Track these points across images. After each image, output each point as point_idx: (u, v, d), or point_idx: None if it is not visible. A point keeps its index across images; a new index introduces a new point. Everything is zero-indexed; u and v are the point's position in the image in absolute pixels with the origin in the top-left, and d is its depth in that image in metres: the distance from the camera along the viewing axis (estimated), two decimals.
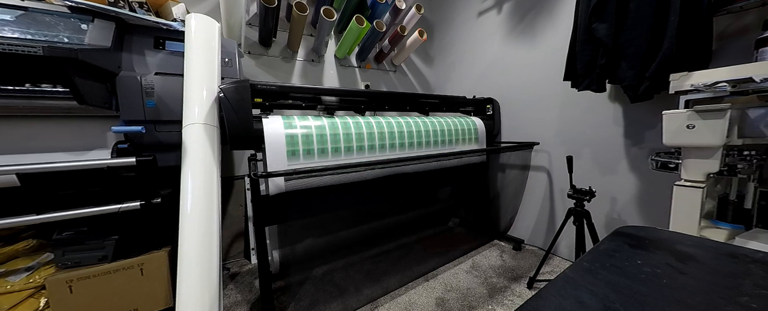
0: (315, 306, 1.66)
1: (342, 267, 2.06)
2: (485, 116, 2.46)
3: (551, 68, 2.10)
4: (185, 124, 1.29)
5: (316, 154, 1.49)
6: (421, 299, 1.73)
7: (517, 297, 1.74)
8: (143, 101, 1.43)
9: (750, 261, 0.68)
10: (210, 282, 1.15)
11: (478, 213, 2.70)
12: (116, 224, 1.38)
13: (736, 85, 1.03)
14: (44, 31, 1.18)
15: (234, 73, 1.65)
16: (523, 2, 2.32)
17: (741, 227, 1.22)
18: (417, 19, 2.51)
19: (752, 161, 1.13)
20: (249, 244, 1.57)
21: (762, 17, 1.25)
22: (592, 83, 1.65)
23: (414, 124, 1.87)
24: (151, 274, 1.41)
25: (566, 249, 2.15)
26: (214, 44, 1.46)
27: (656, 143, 1.67)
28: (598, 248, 0.76)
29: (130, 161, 1.31)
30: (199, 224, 1.19)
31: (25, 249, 1.42)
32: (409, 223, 2.58)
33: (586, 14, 1.56)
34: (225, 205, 2.17)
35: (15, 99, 1.19)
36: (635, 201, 1.82)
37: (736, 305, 0.52)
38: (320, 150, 1.50)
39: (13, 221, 1.15)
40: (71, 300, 1.27)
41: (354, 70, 2.73)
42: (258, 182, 1.38)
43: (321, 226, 2.14)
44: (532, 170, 2.36)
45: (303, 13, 1.91)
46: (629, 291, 0.57)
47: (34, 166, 1.17)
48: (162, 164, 1.41)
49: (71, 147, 1.44)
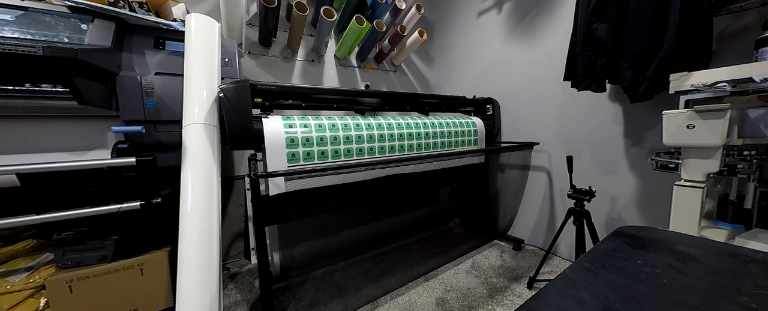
0: (315, 306, 1.66)
1: (342, 266, 2.07)
2: (485, 116, 2.46)
3: (551, 68, 2.10)
4: (185, 124, 1.29)
5: (315, 154, 1.49)
6: (421, 299, 1.73)
7: (517, 297, 1.74)
8: (143, 101, 1.43)
9: (750, 261, 0.68)
10: (210, 282, 1.15)
11: (478, 213, 2.70)
12: (116, 224, 1.38)
13: (736, 85, 1.03)
14: (44, 31, 1.18)
15: (234, 73, 1.65)
16: (523, 2, 2.32)
17: (741, 227, 1.22)
18: (417, 19, 2.51)
19: (752, 161, 1.13)
20: (249, 244, 1.57)
21: (762, 17, 1.25)
22: (592, 83, 1.65)
23: (414, 124, 1.87)
24: (151, 274, 1.41)
25: (566, 249, 2.15)
26: (214, 44, 1.46)
27: (656, 143, 1.67)
28: (598, 248, 0.76)
29: (130, 161, 1.31)
30: (199, 224, 1.19)
31: (25, 249, 1.42)
32: (409, 223, 2.58)
33: (586, 14, 1.56)
34: (225, 205, 2.17)
35: (15, 99, 1.19)
36: (635, 201, 1.82)
37: (736, 305, 0.52)
38: (320, 151, 1.50)
39: (13, 221, 1.15)
40: (71, 300, 1.27)
41: (354, 70, 2.73)
42: (258, 182, 1.38)
43: (321, 226, 2.14)
44: (532, 170, 2.36)
45: (303, 13, 1.91)
46: (629, 291, 0.57)
47: (34, 166, 1.17)
48: (162, 164, 1.41)
49: (71, 147, 1.43)
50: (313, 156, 1.49)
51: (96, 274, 1.31)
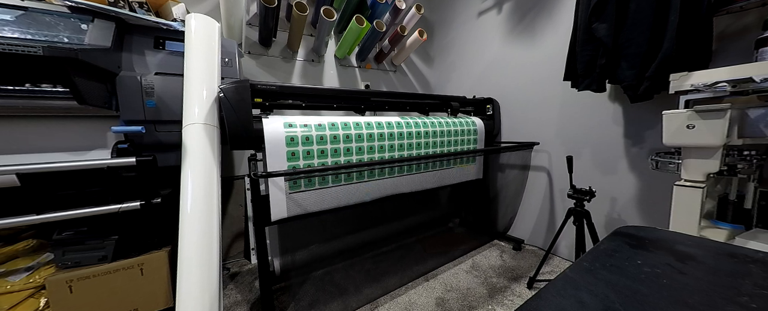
0: (315, 305, 1.66)
1: (342, 266, 2.06)
2: (485, 116, 2.46)
3: (551, 68, 2.10)
4: (185, 124, 1.29)
5: (315, 153, 1.49)
6: (421, 299, 1.73)
7: (517, 297, 1.74)
8: (143, 101, 1.43)
9: (750, 261, 0.68)
10: (210, 282, 1.15)
11: (478, 213, 2.70)
12: (116, 225, 1.38)
13: (736, 85, 1.03)
14: (44, 31, 1.18)
15: (234, 73, 1.65)
16: (523, 2, 2.32)
17: (741, 227, 1.22)
18: (417, 19, 2.51)
19: (752, 161, 1.13)
20: (249, 244, 1.57)
21: (762, 17, 1.25)
22: (592, 83, 1.65)
23: (414, 124, 1.87)
24: (151, 274, 1.41)
25: (566, 249, 2.15)
26: (214, 44, 1.45)
27: (656, 143, 1.67)
28: (598, 248, 0.76)
29: (130, 161, 1.31)
30: (199, 224, 1.19)
31: (25, 249, 1.42)
32: (409, 225, 2.58)
33: (586, 14, 1.56)
34: (225, 205, 2.17)
35: (15, 99, 1.19)
36: (635, 201, 1.82)
37: (736, 305, 0.52)
38: (320, 150, 1.50)
39: (13, 221, 1.15)
40: (71, 300, 1.27)
41: (354, 70, 2.73)
42: (258, 182, 1.38)
43: (322, 227, 2.14)
44: (532, 170, 2.36)
45: (303, 13, 1.91)
46: (629, 291, 0.57)
47: (34, 166, 1.17)
48: (162, 164, 1.41)
49: (71, 147, 1.43)
50: (313, 155, 1.49)
51: (96, 274, 1.31)
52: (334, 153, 1.55)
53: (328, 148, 1.53)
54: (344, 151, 1.58)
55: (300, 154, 1.45)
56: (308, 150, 1.47)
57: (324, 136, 1.52)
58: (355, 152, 1.61)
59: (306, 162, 1.47)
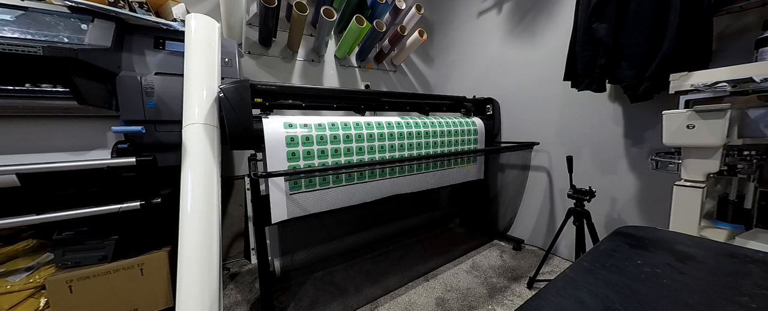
0: (315, 306, 1.66)
1: (342, 267, 2.06)
2: (485, 116, 2.46)
3: (551, 68, 2.10)
4: (185, 124, 1.29)
5: (315, 153, 1.49)
6: (421, 299, 1.73)
7: (517, 297, 1.74)
8: (143, 101, 1.43)
9: (750, 261, 0.68)
10: (210, 282, 1.15)
11: (478, 213, 2.70)
12: (116, 225, 1.38)
13: (736, 85, 1.03)
14: (44, 31, 1.18)
15: (234, 73, 1.65)
16: (523, 2, 2.32)
17: (741, 227, 1.22)
18: (417, 19, 2.51)
19: (752, 161, 1.13)
20: (249, 244, 1.57)
21: (762, 17, 1.25)
22: (592, 83, 1.65)
23: (414, 124, 1.87)
24: (151, 274, 1.41)
25: (566, 249, 2.15)
26: (214, 44, 1.45)
27: (656, 143, 1.67)
28: (598, 248, 0.76)
29: (130, 161, 1.31)
30: (199, 224, 1.19)
31: (25, 249, 1.42)
32: (409, 223, 2.58)
33: (586, 14, 1.56)
34: (225, 205, 2.17)
35: (15, 99, 1.19)
36: (635, 201, 1.82)
37: (736, 305, 0.52)
38: (320, 150, 1.50)
39: (13, 221, 1.15)
40: (71, 300, 1.27)
41: (354, 70, 2.73)
42: (258, 182, 1.38)
43: (322, 227, 2.14)
44: (532, 170, 2.36)
45: (303, 13, 1.91)
46: (629, 291, 0.57)
47: (34, 166, 1.17)
48: (162, 164, 1.41)
49: (71, 147, 1.43)
50: (314, 155, 1.49)
51: (96, 274, 1.31)
52: (335, 153, 1.55)
53: (329, 148, 1.53)
54: (344, 151, 1.58)
55: (300, 154, 1.45)
56: (308, 150, 1.47)
57: (324, 136, 1.52)
58: (355, 152, 1.61)
59: (306, 162, 1.47)
